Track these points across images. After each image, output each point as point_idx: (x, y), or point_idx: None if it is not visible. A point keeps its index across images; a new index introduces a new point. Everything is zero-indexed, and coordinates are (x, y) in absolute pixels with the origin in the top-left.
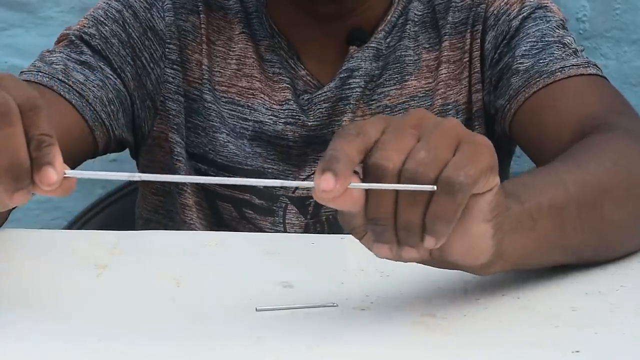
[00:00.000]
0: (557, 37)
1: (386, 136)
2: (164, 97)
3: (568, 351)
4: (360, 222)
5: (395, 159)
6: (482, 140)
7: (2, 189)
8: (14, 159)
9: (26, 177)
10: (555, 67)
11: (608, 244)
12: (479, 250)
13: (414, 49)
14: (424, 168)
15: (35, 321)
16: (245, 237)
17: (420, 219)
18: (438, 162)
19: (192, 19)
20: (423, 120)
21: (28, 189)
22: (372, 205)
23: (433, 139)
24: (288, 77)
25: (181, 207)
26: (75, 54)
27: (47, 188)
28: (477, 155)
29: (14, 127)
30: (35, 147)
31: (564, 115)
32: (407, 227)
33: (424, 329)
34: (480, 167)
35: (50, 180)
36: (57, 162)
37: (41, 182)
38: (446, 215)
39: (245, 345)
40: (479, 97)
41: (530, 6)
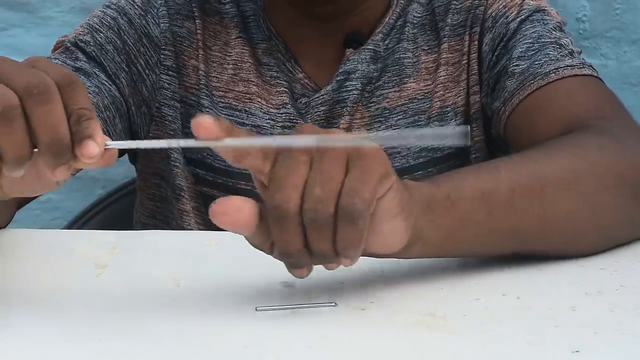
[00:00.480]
0: (554, 38)
1: (280, 170)
2: (159, 104)
3: (568, 351)
4: (262, 239)
5: (294, 198)
6: (369, 150)
7: (44, 164)
8: (54, 135)
9: (67, 152)
10: (550, 68)
11: (559, 228)
12: (394, 238)
13: (412, 51)
14: (322, 205)
15: (35, 321)
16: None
17: (331, 247)
18: (333, 194)
19: (187, 25)
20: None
21: (69, 164)
22: (281, 242)
23: (323, 167)
24: (285, 81)
25: (179, 213)
26: (71, 60)
27: (89, 160)
28: (367, 173)
29: (53, 103)
30: (75, 121)
31: (554, 116)
32: (321, 255)
33: (424, 329)
34: (372, 185)
35: (91, 152)
36: (98, 135)
37: (82, 155)
38: (353, 241)
39: (245, 345)
40: (477, 100)
41: (528, 9)
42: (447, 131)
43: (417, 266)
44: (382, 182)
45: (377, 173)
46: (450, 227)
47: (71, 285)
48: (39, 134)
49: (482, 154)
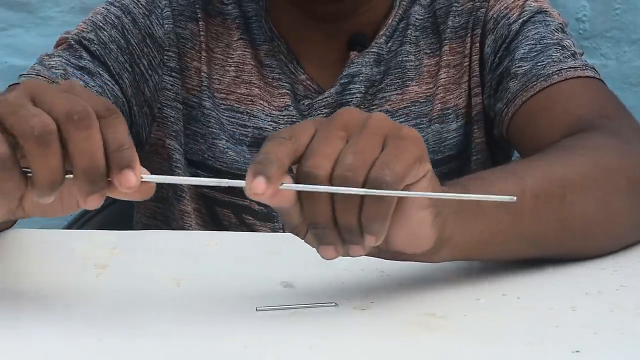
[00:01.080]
0: (556, 39)
1: (315, 141)
2: (161, 104)
3: (568, 351)
4: (298, 222)
5: (325, 166)
6: (408, 132)
7: (77, 191)
8: (91, 161)
9: (102, 179)
10: (553, 70)
11: (575, 233)
12: (421, 237)
13: (415, 54)
14: (352, 173)
15: (35, 321)
16: (245, 237)
17: (357, 220)
18: (365, 164)
19: (190, 27)
20: (350, 120)
21: (102, 192)
22: (309, 211)
23: (359, 140)
24: (288, 83)
25: (180, 214)
26: (75, 58)
27: (126, 190)
28: (403, 150)
29: (92, 130)
30: (115, 149)
31: (557, 118)
32: (347, 228)
33: (424, 329)
34: (406, 161)
35: (130, 183)
36: (137, 166)
37: (120, 185)
38: (379, 215)
39: (245, 345)
40: (479, 101)
41: (530, 10)
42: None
43: (417, 266)
44: (416, 164)
45: (412, 154)
46: (479, 233)
47: (71, 285)
48: (76, 159)
49: (483, 156)
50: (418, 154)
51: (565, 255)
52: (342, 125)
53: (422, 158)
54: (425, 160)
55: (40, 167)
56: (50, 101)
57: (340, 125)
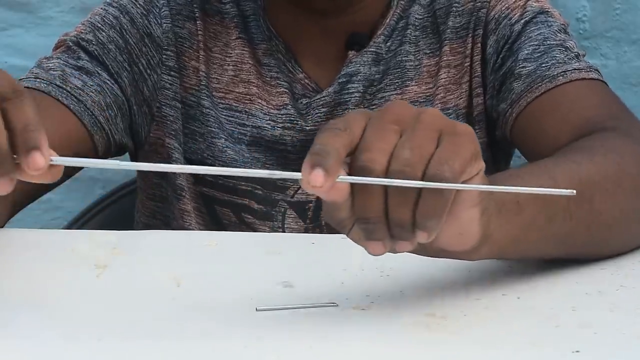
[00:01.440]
0: (559, 40)
1: (368, 134)
2: (160, 103)
3: (568, 351)
4: (346, 216)
5: (380, 160)
6: (463, 128)
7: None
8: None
9: (6, 162)
10: (557, 71)
11: (598, 237)
12: (468, 235)
13: (414, 54)
14: (410, 168)
15: (35, 321)
16: (245, 237)
17: (411, 216)
18: (422, 160)
19: (188, 26)
20: (402, 114)
21: (9, 175)
22: (361, 205)
23: (415, 135)
24: (286, 81)
25: (179, 213)
26: (73, 59)
27: (34, 173)
28: (459, 146)
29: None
30: (20, 130)
31: (564, 119)
32: (399, 224)
33: (424, 329)
34: (463, 158)
35: (37, 164)
36: (44, 147)
37: (28, 167)
38: (436, 211)
39: (245, 345)
40: (480, 102)
41: (532, 11)
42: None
43: (417, 266)
44: (472, 161)
45: (469, 151)
46: (516, 231)
47: (71, 285)
48: None
49: (484, 156)
50: (474, 151)
51: (590, 255)
52: (395, 118)
53: (477, 155)
54: (480, 157)
55: None
56: None
57: (393, 118)
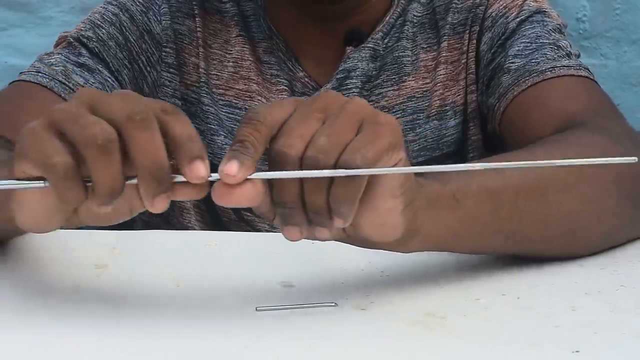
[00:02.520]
0: (552, 39)
1: (291, 121)
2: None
3: (568, 351)
4: (266, 208)
5: (297, 145)
6: (384, 118)
7: (144, 193)
8: (156, 159)
9: (167, 179)
10: (546, 66)
11: (560, 231)
12: (390, 225)
13: (411, 50)
14: (324, 155)
15: (35, 321)
16: (245, 237)
17: (325, 201)
18: (337, 147)
19: (188, 23)
20: (329, 103)
21: (168, 193)
22: (278, 190)
23: (335, 123)
24: (286, 79)
25: (179, 210)
26: (74, 55)
27: (197, 181)
28: (377, 136)
29: (154, 129)
30: (185, 140)
31: (549, 113)
32: (314, 209)
33: (424, 329)
34: (378, 148)
35: (200, 173)
36: (206, 157)
37: (192, 174)
38: (347, 197)
39: (245, 345)
40: (474, 98)
41: (528, 10)
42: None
43: (417, 266)
44: (389, 151)
45: (386, 140)
46: (454, 226)
47: (71, 285)
48: (140, 159)
49: (479, 153)
50: (392, 141)
51: (551, 253)
52: (322, 107)
53: (396, 145)
54: (399, 148)
55: (102, 175)
56: (109, 107)
57: (319, 107)
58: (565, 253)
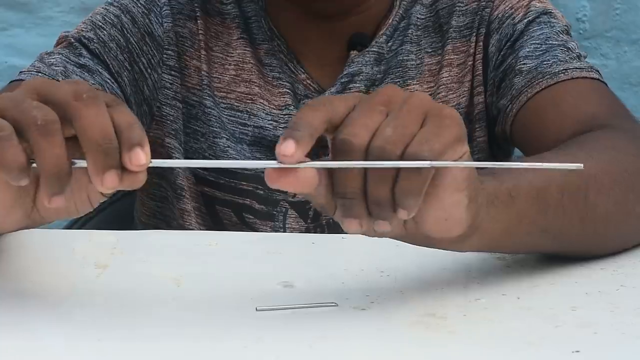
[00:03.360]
0: (561, 41)
1: (354, 113)
2: (160, 103)
3: (568, 351)
4: (325, 200)
5: (362, 135)
6: (449, 112)
7: (94, 169)
8: (104, 133)
9: (115, 154)
10: (559, 68)
11: (594, 232)
12: (453, 221)
13: (416, 53)
14: (390, 145)
15: (35, 321)
16: (245, 237)
17: (389, 193)
18: (404, 138)
19: (189, 25)
20: (392, 97)
21: (117, 171)
22: (339, 181)
23: (400, 115)
24: (288, 82)
25: (180, 212)
26: (74, 56)
27: (136, 169)
28: (442, 128)
29: (101, 107)
30: (125, 127)
31: (566, 114)
32: (377, 201)
33: (424, 329)
34: (444, 140)
35: (140, 160)
36: (146, 145)
37: (131, 162)
38: (413, 189)
39: (245, 345)
40: (481, 100)
41: (535, 11)
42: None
43: (418, 266)
44: (455, 144)
45: (452, 133)
46: (508, 223)
47: (71, 285)
48: (87, 133)
49: (484, 155)
50: (458, 134)
51: (583, 252)
52: (384, 100)
53: (461, 138)
54: (464, 141)
55: (46, 158)
56: (55, 90)
57: (381, 100)
58: (595, 252)
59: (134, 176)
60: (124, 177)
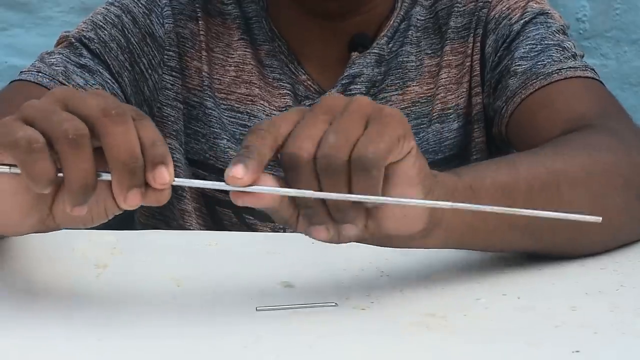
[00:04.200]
0: (557, 40)
1: (298, 127)
2: (161, 104)
3: (568, 351)
4: (289, 213)
5: (307, 146)
6: (390, 111)
7: (118, 187)
8: (131, 152)
9: (140, 173)
10: (553, 69)
11: (569, 228)
12: (412, 216)
13: (415, 55)
14: (335, 151)
15: (35, 321)
16: (245, 237)
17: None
18: (348, 143)
19: (190, 26)
20: (332, 105)
21: (141, 189)
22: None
23: (342, 121)
24: (289, 83)
25: (180, 213)
26: (75, 56)
27: (160, 187)
28: (385, 128)
29: (129, 124)
30: (149, 145)
31: (557, 115)
32: (336, 206)
33: (424, 329)
34: (389, 139)
35: (164, 179)
36: (170, 163)
37: (155, 180)
38: (368, 191)
39: (245, 345)
40: (479, 101)
41: (532, 12)
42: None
43: (417, 266)
44: (400, 141)
45: (395, 132)
46: (471, 218)
47: (71, 285)
48: (114, 152)
49: (483, 156)
50: (401, 132)
51: (560, 250)
52: (326, 109)
53: (405, 135)
54: (409, 138)
55: (74, 170)
56: (82, 103)
57: (324, 110)
58: (574, 251)
59: (158, 193)
60: (148, 194)
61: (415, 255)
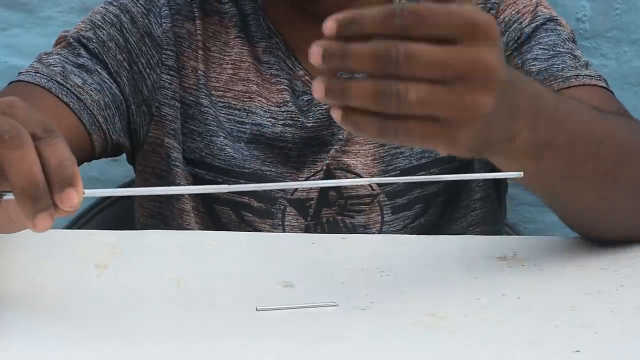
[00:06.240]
0: (568, 49)
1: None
2: (159, 103)
3: (568, 351)
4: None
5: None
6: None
7: (23, 212)
8: (29, 178)
9: (45, 197)
10: (570, 74)
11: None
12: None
13: None
14: None
15: (35, 321)
16: (245, 237)
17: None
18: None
19: (187, 26)
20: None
21: (50, 211)
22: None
23: None
24: (286, 79)
25: (179, 212)
26: (73, 56)
27: (69, 209)
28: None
29: (26, 147)
30: (55, 167)
31: None
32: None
33: (424, 329)
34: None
35: (72, 202)
36: (79, 182)
37: (62, 204)
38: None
39: (245, 345)
40: None
41: (542, 17)
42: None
43: (418, 266)
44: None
45: None
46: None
47: (71, 285)
48: (13, 178)
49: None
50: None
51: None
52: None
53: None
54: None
55: None
56: None
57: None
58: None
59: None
60: (58, 212)
61: (415, 255)
